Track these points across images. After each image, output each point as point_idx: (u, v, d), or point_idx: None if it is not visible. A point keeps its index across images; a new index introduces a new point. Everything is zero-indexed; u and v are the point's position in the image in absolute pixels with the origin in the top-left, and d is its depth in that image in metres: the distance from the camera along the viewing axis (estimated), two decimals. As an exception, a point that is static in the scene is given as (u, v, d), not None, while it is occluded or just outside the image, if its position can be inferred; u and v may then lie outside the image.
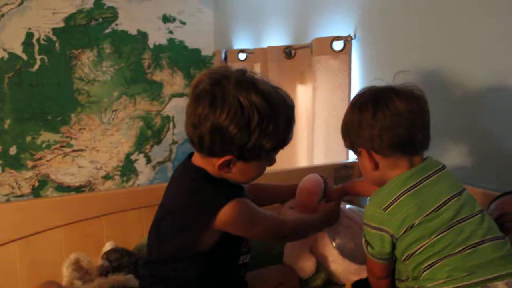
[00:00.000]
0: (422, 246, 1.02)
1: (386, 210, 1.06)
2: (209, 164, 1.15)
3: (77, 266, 1.31)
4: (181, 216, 1.15)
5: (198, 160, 1.18)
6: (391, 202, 1.06)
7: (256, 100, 1.07)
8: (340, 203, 1.42)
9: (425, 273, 1.02)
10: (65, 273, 1.29)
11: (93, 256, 1.40)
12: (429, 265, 1.02)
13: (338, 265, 1.38)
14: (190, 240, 1.12)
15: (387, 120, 1.07)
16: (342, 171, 2.02)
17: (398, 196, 1.06)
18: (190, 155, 1.23)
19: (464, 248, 1.00)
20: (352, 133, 1.14)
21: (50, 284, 1.23)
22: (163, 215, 1.20)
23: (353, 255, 1.38)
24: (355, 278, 1.33)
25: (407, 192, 1.06)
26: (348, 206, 1.56)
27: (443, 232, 1.02)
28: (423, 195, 1.06)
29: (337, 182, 2.01)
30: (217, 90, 1.08)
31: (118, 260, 1.33)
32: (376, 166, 1.12)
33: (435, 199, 1.05)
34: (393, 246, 1.07)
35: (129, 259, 1.34)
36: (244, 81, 1.10)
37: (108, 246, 1.41)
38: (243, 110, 1.06)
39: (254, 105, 1.06)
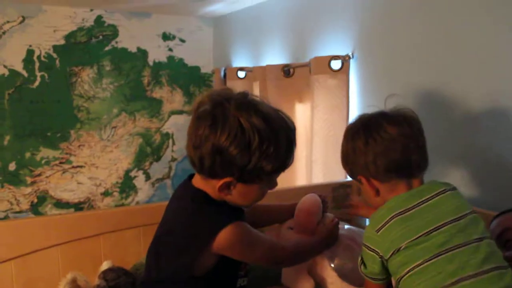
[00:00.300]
0: (410, 270, 1.01)
1: (378, 232, 1.07)
2: (209, 186, 1.14)
3: (74, 285, 1.30)
4: (180, 236, 1.14)
5: (198, 181, 1.17)
6: (382, 225, 1.07)
7: (256, 122, 1.07)
8: (338, 224, 1.42)
9: None
10: None
11: (90, 275, 1.39)
12: None
13: (336, 287, 1.37)
14: (188, 262, 1.11)
15: (379, 146, 1.09)
16: (340, 190, 2.02)
17: (389, 219, 1.06)
18: (191, 176, 1.23)
19: (457, 281, 0.97)
20: (349, 162, 1.17)
21: None
22: (162, 234, 1.20)
23: (352, 276, 1.37)
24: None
25: (398, 215, 1.06)
26: (346, 226, 1.56)
27: (431, 259, 1.00)
28: (415, 218, 1.05)
29: (335, 201, 2.02)
30: (218, 112, 1.08)
31: (115, 280, 1.32)
32: (377, 192, 1.14)
33: (427, 223, 1.04)
34: (385, 267, 1.08)
35: (126, 278, 1.34)
36: (245, 103, 1.10)
37: (105, 266, 1.40)
38: (244, 132, 1.06)
39: (255, 127, 1.07)
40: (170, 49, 3.26)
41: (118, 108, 3.14)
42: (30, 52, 2.89)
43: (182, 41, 3.29)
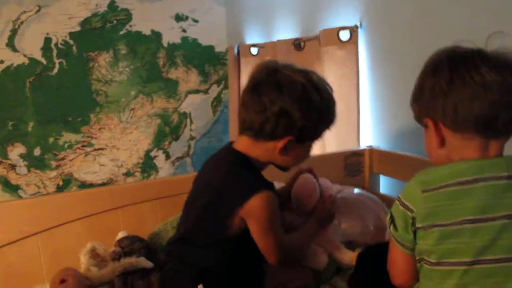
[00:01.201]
0: (428, 263, 0.89)
1: (424, 192, 0.89)
2: (258, 149, 1.20)
3: (93, 253, 1.38)
4: (215, 195, 1.18)
5: (242, 145, 1.22)
6: (435, 188, 0.88)
7: (316, 83, 1.17)
8: (335, 201, 1.42)
9: None
10: (83, 260, 1.36)
11: (110, 246, 1.47)
12: None
13: (344, 254, 1.39)
14: (220, 222, 1.15)
15: (467, 89, 0.87)
16: (352, 158, 2.05)
17: (445, 185, 0.88)
18: (231, 142, 1.28)
19: None
20: (420, 100, 0.95)
21: (67, 270, 1.30)
22: (198, 194, 1.25)
23: (360, 240, 1.39)
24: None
25: (458, 185, 0.87)
26: (357, 190, 1.58)
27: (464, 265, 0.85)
28: (475, 195, 0.86)
29: (347, 169, 2.05)
30: (280, 77, 1.16)
31: (129, 246, 1.40)
32: (442, 143, 0.93)
33: (481, 209, 0.85)
34: (415, 237, 0.91)
35: (140, 244, 1.41)
36: (299, 69, 1.19)
37: (120, 235, 1.48)
38: (307, 93, 1.14)
39: (315, 88, 1.16)
40: (184, 30, 3.30)
41: (135, 90, 3.21)
42: (47, 40, 2.98)
43: (195, 21, 3.33)
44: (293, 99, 1.13)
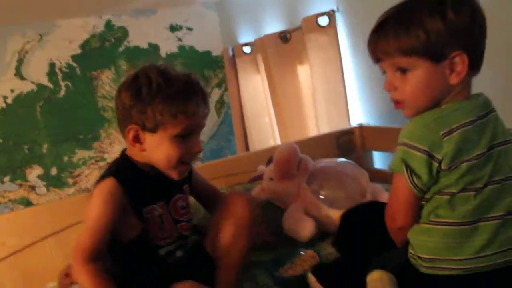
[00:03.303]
0: (449, 194, 0.93)
1: (444, 137, 0.90)
2: (130, 148, 1.20)
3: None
4: None
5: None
6: (451, 130, 0.90)
7: (150, 71, 1.16)
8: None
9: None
10: None
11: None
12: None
13: (329, 218, 1.44)
14: None
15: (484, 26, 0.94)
16: (344, 137, 2.13)
17: (457, 126, 0.91)
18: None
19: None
20: (459, 27, 0.91)
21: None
22: None
23: (345, 204, 1.43)
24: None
25: (464, 126, 0.91)
26: (340, 159, 1.63)
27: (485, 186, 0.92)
28: (477, 134, 0.92)
29: (340, 148, 2.13)
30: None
31: None
32: (461, 81, 0.93)
33: (489, 140, 0.93)
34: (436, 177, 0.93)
35: None
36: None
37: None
38: (137, 79, 1.15)
39: (146, 75, 1.14)
40: (180, 39, 3.43)
41: (140, 102, 3.33)
42: (52, 65, 3.14)
43: (190, 29, 3.45)
44: (123, 87, 1.16)
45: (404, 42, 0.93)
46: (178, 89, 1.14)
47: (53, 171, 3.17)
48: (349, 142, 2.13)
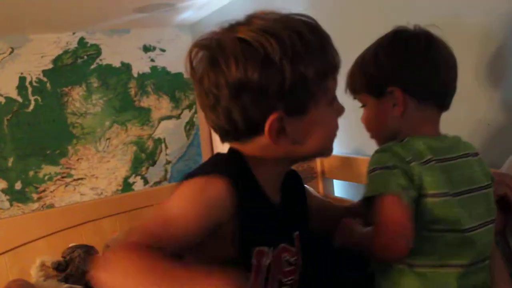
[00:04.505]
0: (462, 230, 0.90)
1: (411, 162, 0.89)
2: (249, 148, 0.84)
3: (43, 267, 1.50)
4: None
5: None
6: (422, 162, 0.89)
7: (261, 25, 0.79)
8: None
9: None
10: (32, 274, 1.49)
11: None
12: None
13: None
14: None
15: (441, 56, 0.96)
16: (303, 165, 2.17)
17: (427, 160, 0.90)
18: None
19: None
20: (388, 67, 0.97)
21: (15, 281, 1.41)
22: None
23: None
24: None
25: (439, 162, 0.90)
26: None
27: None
28: (454, 171, 0.92)
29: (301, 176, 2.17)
30: (211, 52, 0.82)
31: (69, 254, 1.53)
32: (403, 114, 0.96)
33: (468, 180, 0.93)
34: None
35: (80, 250, 1.54)
36: (233, 22, 0.84)
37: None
38: (251, 45, 0.77)
39: (262, 31, 0.78)
40: (152, 60, 3.47)
41: (109, 120, 3.36)
42: (22, 79, 3.13)
43: (163, 50, 3.50)
44: (239, 63, 0.77)
45: (357, 81, 1.05)
46: (312, 37, 0.81)
47: (18, 186, 3.14)
48: (310, 170, 2.18)
